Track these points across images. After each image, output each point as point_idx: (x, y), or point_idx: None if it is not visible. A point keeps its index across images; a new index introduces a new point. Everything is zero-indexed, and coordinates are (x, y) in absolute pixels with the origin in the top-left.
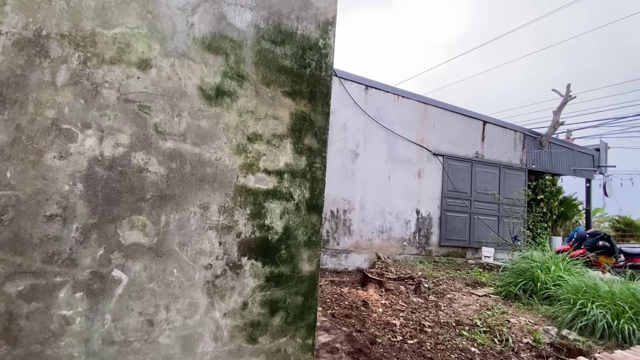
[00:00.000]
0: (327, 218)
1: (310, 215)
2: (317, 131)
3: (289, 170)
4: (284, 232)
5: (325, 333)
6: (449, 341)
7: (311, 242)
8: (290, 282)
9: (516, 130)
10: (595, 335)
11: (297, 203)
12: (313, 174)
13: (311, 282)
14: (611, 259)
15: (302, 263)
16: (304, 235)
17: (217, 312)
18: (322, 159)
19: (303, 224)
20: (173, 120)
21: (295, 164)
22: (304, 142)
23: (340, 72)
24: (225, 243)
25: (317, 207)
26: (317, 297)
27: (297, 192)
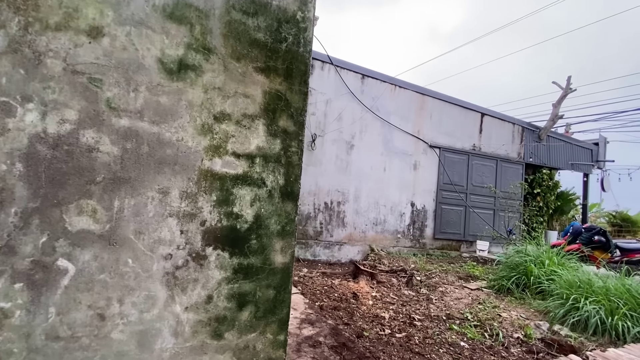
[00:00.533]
0: (321, 209)
1: (285, 204)
2: (293, 112)
3: (261, 154)
4: (254, 221)
5: (309, 326)
6: (438, 335)
7: (285, 232)
8: (261, 275)
9: (514, 123)
10: (587, 332)
11: (270, 190)
12: (288, 158)
13: (284, 275)
14: (607, 254)
15: (275, 254)
16: (277, 225)
17: (177, 305)
18: (298, 142)
19: (276, 212)
20: (128, 96)
21: (269, 148)
22: (279, 123)
23: (336, 61)
24: (188, 232)
25: (293, 194)
26: (290, 290)
27: (270, 178)
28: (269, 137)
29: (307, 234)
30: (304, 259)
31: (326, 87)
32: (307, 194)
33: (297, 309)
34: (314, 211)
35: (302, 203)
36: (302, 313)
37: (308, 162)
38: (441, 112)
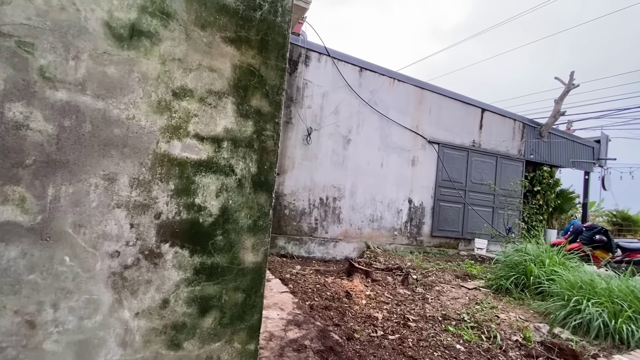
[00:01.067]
0: (316, 205)
1: (257, 195)
2: (268, 90)
3: (230, 138)
4: (220, 214)
5: (296, 328)
6: (433, 337)
7: (257, 227)
8: (227, 276)
9: (515, 119)
10: (590, 335)
11: (239, 179)
12: (262, 143)
13: (255, 276)
14: (608, 254)
15: (245, 252)
16: (248, 219)
17: (126, 311)
18: (274, 125)
19: (247, 204)
20: (67, 64)
21: (239, 130)
22: (251, 103)
23: (333, 52)
24: (139, 225)
25: (267, 184)
26: (262, 293)
27: (239, 165)
28: (240, 118)
29: (302, 230)
30: (298, 255)
31: (323, 79)
32: (302, 189)
33: (285, 309)
34: (308, 207)
35: (297, 199)
36: (289, 313)
37: (303, 157)
38: (440, 107)
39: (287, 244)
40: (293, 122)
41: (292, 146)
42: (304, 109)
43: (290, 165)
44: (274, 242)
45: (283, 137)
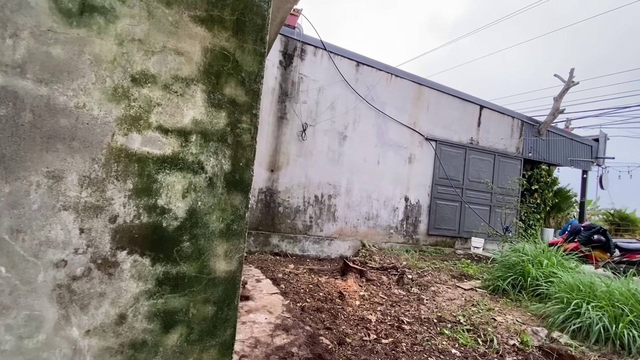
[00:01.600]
0: (311, 203)
1: (231, 195)
2: (244, 78)
3: (199, 130)
4: (187, 217)
5: (283, 333)
6: (427, 341)
7: (231, 232)
8: (195, 287)
9: (514, 116)
10: (589, 340)
11: (210, 177)
12: (237, 137)
13: (229, 287)
14: (606, 254)
15: (216, 260)
16: (220, 222)
17: (74, 328)
18: (251, 117)
19: (219, 206)
20: (3, 44)
21: (210, 122)
22: (224, 91)
23: (329, 46)
24: (91, 230)
25: (242, 183)
26: (237, 305)
27: (210, 162)
28: (211, 109)
29: (296, 228)
30: (292, 254)
31: (318, 74)
32: (297, 187)
33: (273, 312)
34: (303, 204)
35: (291, 196)
36: (278, 317)
37: (298, 153)
38: (438, 103)
39: (281, 242)
40: (288, 117)
41: (287, 142)
42: (299, 104)
43: (285, 161)
44: (268, 240)
45: (277, 133)
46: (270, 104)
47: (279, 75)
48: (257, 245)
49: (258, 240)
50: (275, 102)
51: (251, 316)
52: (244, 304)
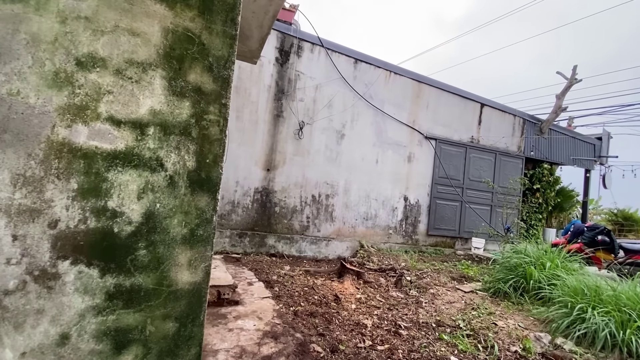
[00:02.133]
0: (308, 203)
1: (196, 196)
2: (212, 63)
3: (158, 122)
4: (144, 221)
5: (272, 342)
6: (425, 347)
7: (195, 238)
8: (153, 301)
9: (515, 114)
10: (595, 347)
11: (170, 176)
12: (203, 130)
13: (193, 300)
14: (610, 255)
15: (178, 270)
16: (183, 227)
17: (7, 350)
18: (220, 108)
19: (181, 209)
20: None
21: (171, 113)
22: (188, 78)
23: (327, 43)
24: (26, 237)
25: (209, 183)
26: (202, 320)
27: (171, 158)
28: (172, 98)
29: (293, 228)
30: (289, 255)
31: (316, 71)
32: (294, 186)
33: (263, 319)
34: (300, 204)
35: (288, 196)
36: (267, 323)
37: (295, 152)
38: (438, 101)
39: (278, 242)
40: (284, 115)
41: (283, 141)
42: (295, 102)
43: (281, 160)
44: (264, 241)
45: (274, 132)
46: (266, 101)
47: (275, 72)
48: (252, 246)
49: (254, 241)
50: (271, 100)
51: (239, 322)
52: (233, 309)
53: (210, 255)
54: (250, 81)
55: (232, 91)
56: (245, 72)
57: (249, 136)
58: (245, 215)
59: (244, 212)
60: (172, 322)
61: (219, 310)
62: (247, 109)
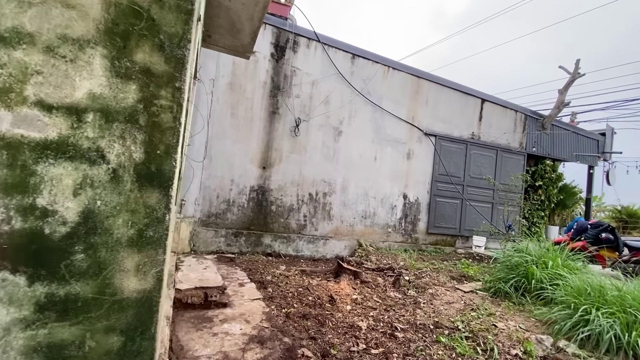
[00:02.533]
0: (305, 201)
1: (145, 192)
2: (164, 41)
3: (99, 108)
4: (82, 221)
5: (258, 347)
6: (422, 351)
7: (145, 240)
8: (94, 312)
9: (517, 110)
10: (599, 350)
11: (114, 169)
12: (153, 117)
13: (142, 310)
14: (614, 253)
15: (124, 277)
16: (130, 228)
17: None
18: (173, 92)
19: (127, 207)
20: None
21: (114, 97)
22: (135, 58)
23: (323, 38)
24: None
25: (161, 177)
26: (154, 333)
27: (115, 149)
28: (115, 80)
29: (290, 227)
30: (286, 254)
31: (312, 67)
32: (290, 184)
33: (251, 322)
34: (297, 203)
35: (284, 194)
36: (254, 327)
37: (291, 150)
38: (438, 97)
39: (274, 242)
40: (280, 112)
41: (279, 138)
42: (291, 99)
43: (277, 158)
44: (260, 240)
45: (269, 129)
46: (261, 98)
47: (270, 68)
48: (248, 246)
49: (250, 240)
50: (266, 97)
51: (225, 326)
52: (220, 311)
53: (163, 260)
54: (245, 77)
55: (227, 88)
56: (240, 68)
57: (244, 133)
58: (241, 214)
59: (239, 211)
60: (117, 335)
61: (205, 313)
62: (242, 105)
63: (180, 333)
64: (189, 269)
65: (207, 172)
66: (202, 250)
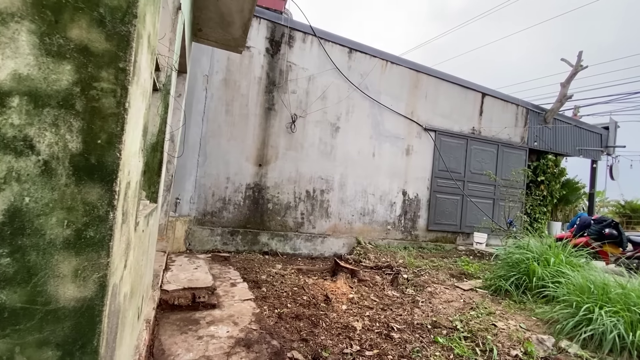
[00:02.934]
0: (302, 199)
1: (83, 187)
2: (105, 15)
3: (26, 91)
4: (7, 220)
5: (244, 351)
6: (418, 352)
7: (84, 242)
8: (23, 323)
9: (518, 104)
10: (603, 350)
11: (45, 161)
12: (92, 102)
13: (83, 321)
14: (618, 249)
15: (60, 283)
16: (65, 228)
17: None
18: (117, 73)
19: (63, 204)
20: None
21: (44, 79)
22: (70, 34)
23: (320, 32)
24: None
25: (103, 170)
26: (97, 347)
27: (46, 138)
28: (46, 59)
29: (287, 225)
30: (283, 252)
31: (308, 62)
32: (287, 182)
33: (239, 324)
34: (294, 200)
35: (281, 192)
36: (242, 330)
37: (288, 146)
38: (438, 91)
39: (271, 240)
40: (276, 108)
41: (275, 135)
42: (287, 94)
43: (274, 155)
44: (256, 238)
45: (265, 125)
46: (256, 94)
47: (265, 63)
48: (245, 244)
49: (246, 238)
50: (262, 93)
51: (211, 329)
52: (208, 313)
53: (106, 263)
54: (240, 73)
55: (222, 84)
56: (235, 64)
57: (239, 130)
58: (237, 213)
59: (235, 209)
60: (53, 350)
61: (192, 315)
62: (237, 102)
63: (163, 336)
64: (180, 268)
65: (202, 169)
66: (197, 249)
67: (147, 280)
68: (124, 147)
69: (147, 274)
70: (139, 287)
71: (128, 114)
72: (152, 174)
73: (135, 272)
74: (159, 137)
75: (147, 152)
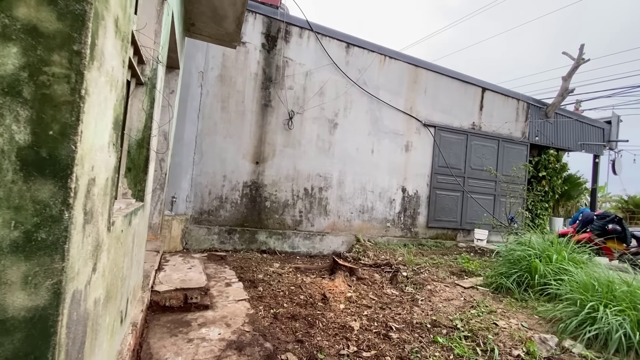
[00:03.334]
0: (300, 196)
1: (33, 184)
2: None
3: None
4: None
5: (234, 354)
6: (417, 353)
7: (35, 244)
8: None
9: (519, 99)
10: (608, 350)
11: None
12: (42, 89)
13: (34, 332)
14: (622, 245)
15: (7, 291)
16: (12, 229)
17: None
18: (71, 57)
19: (9, 202)
20: None
21: None
22: (16, 13)
23: (316, 27)
24: None
25: (56, 164)
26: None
27: None
28: None
29: (285, 223)
30: (281, 251)
31: (305, 57)
32: (285, 179)
33: (232, 325)
34: (292, 198)
35: (279, 189)
36: (235, 331)
37: (285, 143)
38: (437, 86)
39: (269, 238)
40: (272, 105)
41: (272, 132)
42: (284, 91)
43: (271, 153)
44: (254, 237)
45: (262, 122)
46: (253, 90)
47: (261, 59)
48: (242, 243)
49: (244, 237)
50: (258, 89)
51: (203, 331)
52: (201, 314)
53: (61, 268)
54: (235, 69)
55: (217, 80)
56: (230, 59)
57: (235, 128)
58: (234, 211)
59: (232, 208)
60: None
61: (184, 316)
62: (233, 98)
63: (152, 340)
64: (173, 268)
65: (199, 168)
66: (194, 248)
67: (133, 282)
68: (81, 139)
69: (134, 276)
70: (119, 290)
71: (85, 103)
72: (138, 172)
73: (112, 275)
74: (145, 133)
75: (132, 149)
